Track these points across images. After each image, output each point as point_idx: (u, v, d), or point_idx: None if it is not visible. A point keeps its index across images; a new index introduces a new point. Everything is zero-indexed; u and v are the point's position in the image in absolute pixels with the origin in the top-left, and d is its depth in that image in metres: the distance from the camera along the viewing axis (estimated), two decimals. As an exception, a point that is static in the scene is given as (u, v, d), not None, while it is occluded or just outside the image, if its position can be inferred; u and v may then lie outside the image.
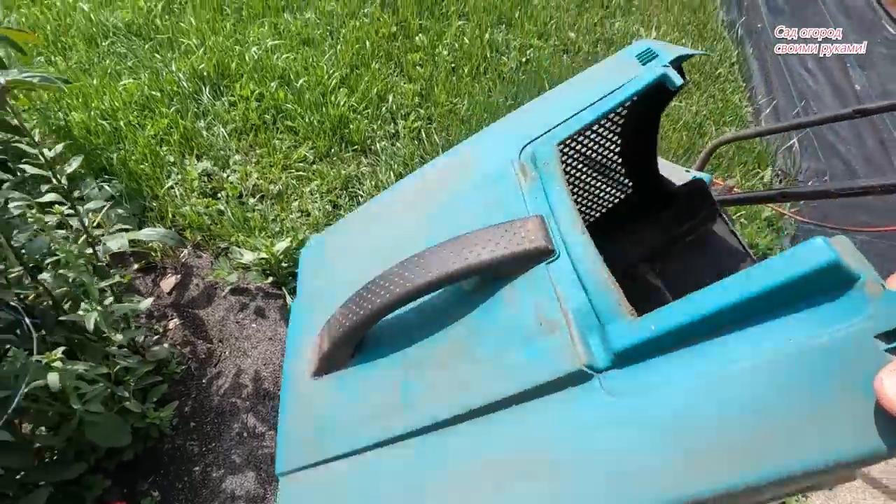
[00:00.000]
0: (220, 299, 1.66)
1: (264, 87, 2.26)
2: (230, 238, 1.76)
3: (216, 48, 2.42)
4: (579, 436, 0.53)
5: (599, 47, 2.77)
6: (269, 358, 1.52)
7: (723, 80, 2.59)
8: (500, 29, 2.81)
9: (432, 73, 2.47)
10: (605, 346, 0.55)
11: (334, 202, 1.94)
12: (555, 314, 0.59)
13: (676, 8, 3.12)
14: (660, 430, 0.48)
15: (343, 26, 2.71)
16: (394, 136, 2.21)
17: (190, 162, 2.02)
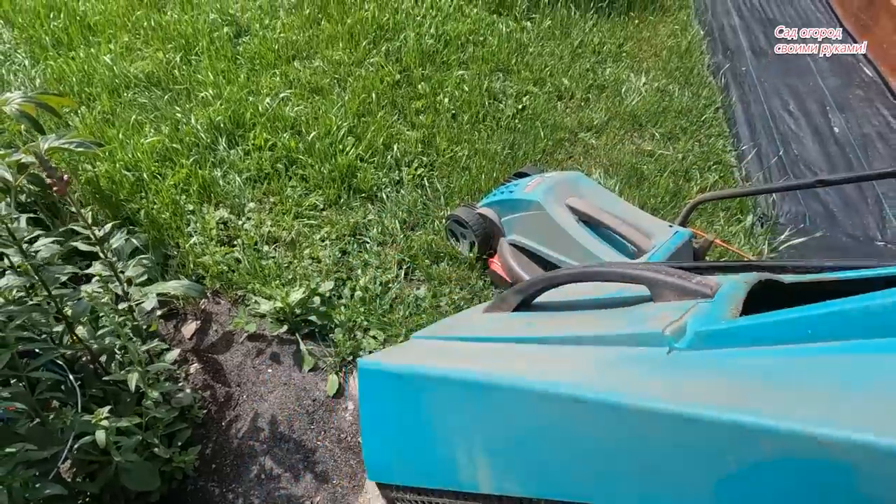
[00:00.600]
0: (238, 345, 1.78)
1: (277, 137, 2.41)
2: (247, 286, 1.89)
3: (231, 99, 2.58)
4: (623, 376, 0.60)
5: (592, 93, 2.94)
6: (284, 402, 1.63)
7: (707, 126, 2.75)
8: (498, 76, 2.98)
9: (434, 120, 2.63)
10: (694, 328, 0.61)
11: (343, 249, 2.07)
12: (678, 312, 0.67)
13: (665, 53, 3.30)
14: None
15: (350, 75, 2.88)
16: (398, 184, 2.35)
17: (208, 210, 2.15)
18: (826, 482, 0.43)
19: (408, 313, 1.86)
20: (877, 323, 0.49)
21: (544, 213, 1.71)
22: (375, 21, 3.20)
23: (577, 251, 1.65)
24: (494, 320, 0.96)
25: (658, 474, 0.55)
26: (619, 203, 1.79)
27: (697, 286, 0.73)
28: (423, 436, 0.83)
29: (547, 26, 3.39)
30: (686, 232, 1.64)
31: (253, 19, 3.23)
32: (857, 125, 2.94)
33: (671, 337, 0.62)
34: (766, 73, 3.35)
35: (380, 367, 0.87)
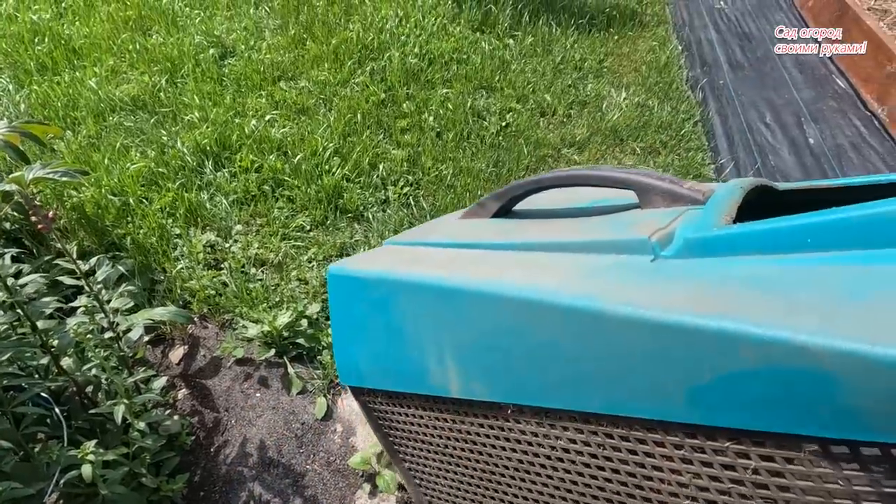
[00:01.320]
0: (226, 369, 1.79)
1: (263, 159, 2.43)
2: (234, 309, 1.89)
3: (217, 121, 2.60)
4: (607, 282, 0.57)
5: (574, 109, 3.00)
6: (273, 426, 1.64)
7: (687, 139, 2.81)
8: (481, 94, 3.03)
9: (419, 139, 2.66)
10: (683, 235, 0.58)
11: (330, 269, 2.08)
12: (667, 219, 0.63)
13: (644, 68, 3.38)
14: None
15: (335, 95, 2.91)
16: (384, 203, 2.38)
17: (195, 234, 2.16)
18: (807, 392, 0.42)
19: (395, 333, 1.87)
20: (879, 232, 0.47)
21: (527, 232, 1.75)
22: (360, 41, 3.25)
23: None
24: (471, 226, 0.92)
25: (630, 382, 0.53)
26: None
27: (689, 191, 0.70)
28: (393, 341, 0.82)
29: (529, 43, 3.46)
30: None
31: (238, 41, 3.26)
32: (832, 136, 3.02)
33: (657, 243, 0.59)
34: (742, 86, 3.44)
35: (349, 272, 0.85)
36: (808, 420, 0.43)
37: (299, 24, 3.43)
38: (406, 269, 0.79)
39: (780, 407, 0.44)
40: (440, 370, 0.75)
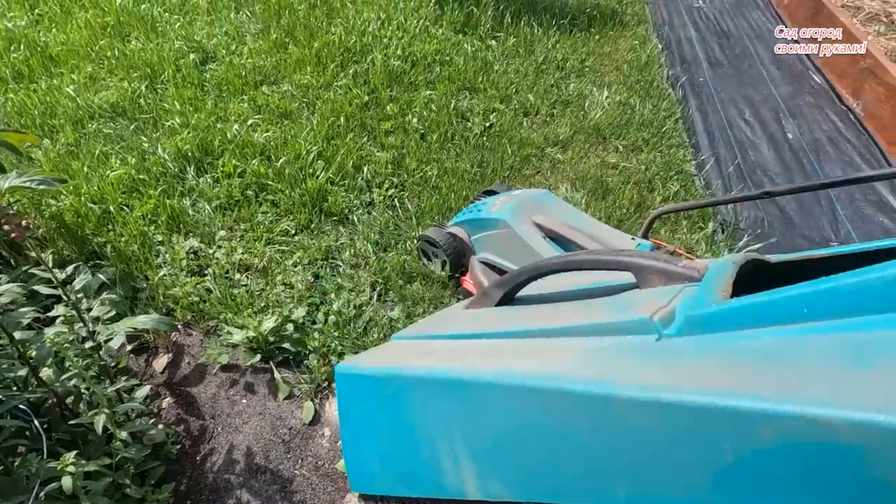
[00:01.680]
0: (212, 376, 1.77)
1: (246, 164, 2.41)
2: (219, 316, 1.88)
3: (199, 126, 2.57)
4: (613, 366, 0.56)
5: (556, 108, 3.02)
6: (260, 432, 1.62)
7: (668, 137, 2.85)
8: (465, 95, 3.04)
9: (403, 141, 2.66)
10: (684, 313, 0.57)
11: (316, 273, 2.08)
12: (666, 297, 0.64)
13: (625, 67, 3.42)
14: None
15: (318, 98, 2.90)
16: (369, 205, 2.37)
17: (177, 241, 2.14)
18: (831, 466, 0.41)
19: (382, 335, 1.87)
20: (874, 298, 0.47)
21: (511, 230, 1.75)
22: (342, 44, 3.24)
23: (544, 267, 1.69)
24: (476, 317, 0.93)
25: (651, 468, 0.52)
26: (584, 218, 1.85)
27: (684, 269, 0.71)
28: (405, 441, 0.80)
29: (511, 44, 3.48)
30: (647, 244, 1.70)
31: (219, 46, 3.24)
32: (809, 131, 3.08)
33: (659, 323, 0.59)
34: (722, 84, 3.49)
35: (357, 370, 0.84)
36: (834, 497, 0.41)
37: (281, 28, 3.42)
38: (414, 364, 0.78)
39: (806, 485, 0.42)
40: (454, 469, 0.72)
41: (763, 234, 2.37)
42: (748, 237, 2.26)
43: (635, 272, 0.76)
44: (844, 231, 2.44)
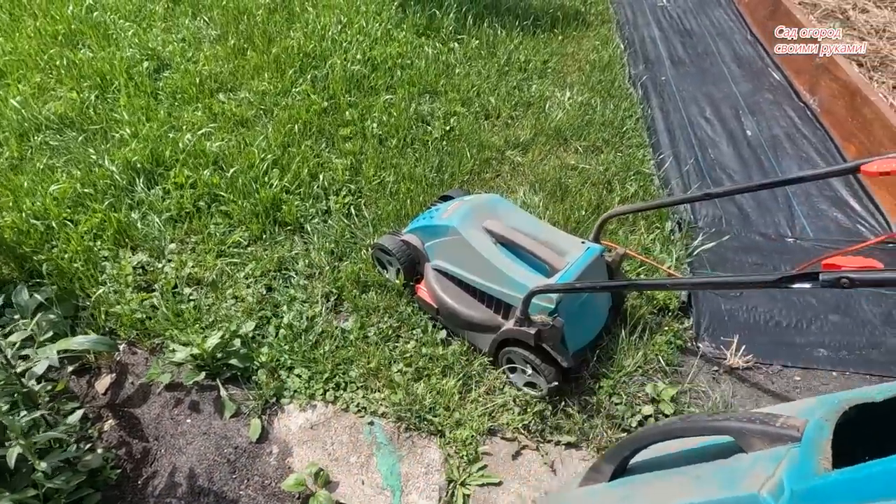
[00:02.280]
0: (156, 396, 1.71)
1: (198, 174, 2.36)
2: (164, 333, 1.82)
3: (150, 137, 2.51)
4: None
5: (518, 110, 3.01)
6: (204, 453, 1.57)
7: (628, 136, 2.85)
8: (426, 99, 3.01)
9: (362, 147, 2.63)
10: (790, 487, 0.61)
11: (269, 285, 2.03)
12: (771, 465, 0.68)
13: (588, 67, 3.42)
14: None
15: (276, 105, 2.85)
16: (326, 213, 2.33)
17: (124, 255, 2.08)
18: None
19: (334, 347, 1.83)
20: None
21: (461, 237, 1.73)
22: (301, 49, 3.19)
23: (494, 274, 1.67)
24: (593, 496, 1.01)
25: None
26: (536, 222, 1.83)
27: (783, 429, 0.73)
28: None
29: (474, 46, 3.46)
30: (597, 247, 1.70)
31: (175, 53, 3.17)
32: (768, 127, 3.11)
33: (769, 497, 0.62)
34: (683, 82, 3.52)
35: None
36: None
37: (239, 33, 3.36)
38: None
39: None
40: None
41: (720, 232, 2.38)
42: (703, 236, 2.27)
43: (737, 437, 0.80)
44: (800, 227, 2.47)
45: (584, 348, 1.76)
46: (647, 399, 1.72)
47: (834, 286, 0.84)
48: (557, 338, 1.54)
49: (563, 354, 1.57)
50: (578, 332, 1.71)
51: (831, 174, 1.17)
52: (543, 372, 1.59)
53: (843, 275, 0.83)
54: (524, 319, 1.55)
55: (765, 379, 1.84)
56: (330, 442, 1.62)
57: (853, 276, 0.82)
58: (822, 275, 0.85)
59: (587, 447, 1.61)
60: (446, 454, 1.59)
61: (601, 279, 1.74)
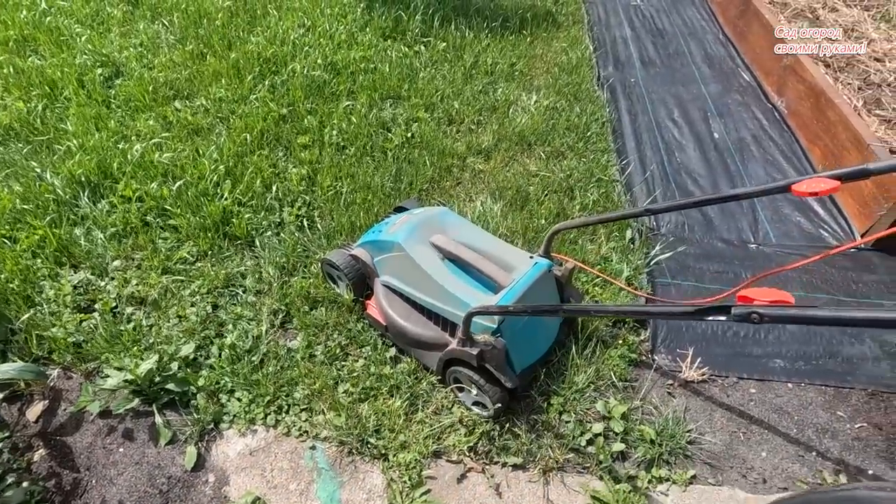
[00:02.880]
0: (89, 424, 1.65)
1: (146, 187, 2.28)
2: (101, 356, 1.76)
3: (97, 148, 2.43)
4: None
5: (483, 115, 2.96)
6: (135, 484, 1.51)
7: (594, 141, 2.81)
8: (388, 104, 2.95)
9: (319, 155, 2.56)
10: None
11: (215, 303, 1.97)
12: None
13: (556, 70, 3.37)
14: None
15: (233, 113, 2.78)
16: (279, 226, 2.27)
17: (65, 274, 2.00)
18: None
19: (279, 367, 1.78)
20: None
21: (405, 254, 1.68)
22: (261, 54, 3.12)
23: (438, 292, 1.62)
24: None
25: None
26: (485, 236, 1.79)
27: None
28: None
29: (441, 49, 3.40)
30: (545, 262, 1.65)
31: (131, 58, 3.08)
32: (735, 129, 3.09)
33: None
34: (653, 83, 3.48)
35: None
36: None
37: (199, 38, 3.27)
38: None
39: None
40: None
41: (681, 239, 2.35)
42: (661, 245, 2.23)
43: None
44: (763, 232, 2.44)
45: (534, 365, 1.72)
46: (597, 416, 1.69)
47: (745, 321, 0.81)
48: (500, 358, 1.50)
49: (507, 375, 1.53)
50: (526, 350, 1.67)
51: (765, 192, 1.14)
52: (488, 392, 1.55)
53: (753, 310, 0.79)
54: (466, 340, 1.51)
55: (720, 392, 1.81)
56: (269, 468, 1.57)
57: (763, 312, 0.79)
58: (735, 308, 0.82)
59: (534, 468, 1.57)
60: (389, 479, 1.54)
61: (549, 295, 1.69)
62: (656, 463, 1.58)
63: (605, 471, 1.56)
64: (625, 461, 1.60)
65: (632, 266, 2.11)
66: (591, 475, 1.57)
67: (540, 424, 1.65)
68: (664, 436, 1.63)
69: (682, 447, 1.62)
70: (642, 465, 1.59)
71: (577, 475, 1.57)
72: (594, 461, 1.58)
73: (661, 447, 1.61)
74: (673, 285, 2.18)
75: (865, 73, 2.97)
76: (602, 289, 2.03)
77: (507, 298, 1.52)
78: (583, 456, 1.60)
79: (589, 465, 1.58)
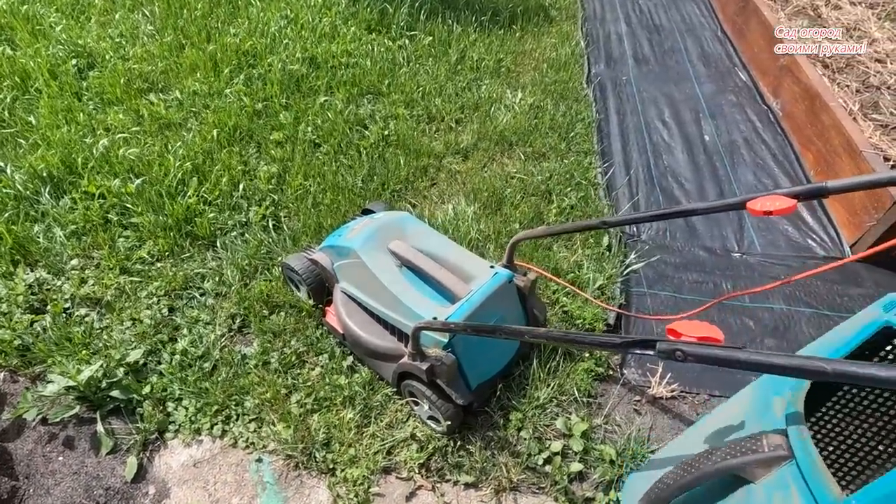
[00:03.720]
0: (31, 430, 1.60)
1: (109, 183, 2.22)
2: (48, 360, 1.71)
3: (62, 142, 2.37)
4: None
5: (465, 113, 2.87)
6: (71, 495, 1.47)
7: (577, 142, 2.72)
8: (367, 100, 2.87)
9: (291, 153, 2.49)
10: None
11: (171, 305, 1.91)
12: (789, 496, 0.79)
13: (545, 67, 3.27)
14: None
15: (207, 107, 2.71)
16: (245, 226, 2.21)
17: (20, 272, 1.95)
18: None
19: (231, 375, 1.72)
20: None
21: (361, 261, 1.61)
22: (239, 47, 3.04)
23: (391, 301, 1.56)
24: None
25: None
26: (445, 244, 1.71)
27: (774, 452, 0.83)
28: None
29: (427, 44, 3.31)
30: (505, 273, 1.58)
31: (107, 49, 3.01)
32: (727, 132, 2.98)
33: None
34: (645, 82, 3.37)
35: None
36: None
37: (178, 29, 3.20)
38: None
39: None
40: None
41: (662, 247, 2.27)
42: (636, 254, 2.15)
43: (740, 472, 0.89)
44: (748, 240, 2.35)
45: (493, 379, 1.65)
46: (557, 434, 1.62)
47: (669, 358, 0.74)
48: (451, 374, 1.43)
49: (458, 391, 1.46)
50: (482, 364, 1.60)
51: (720, 209, 1.06)
52: (440, 409, 1.48)
53: (678, 347, 0.72)
54: (416, 354, 1.44)
55: (689, 409, 1.74)
56: (213, 481, 1.52)
57: (687, 350, 0.72)
58: (660, 344, 0.75)
59: (486, 486, 1.51)
60: (335, 495, 1.48)
61: (510, 306, 1.62)
62: (615, 485, 1.51)
63: (561, 492, 1.50)
64: (582, 482, 1.54)
65: (605, 275, 2.03)
66: (547, 496, 1.50)
67: (496, 441, 1.58)
68: (625, 456, 1.56)
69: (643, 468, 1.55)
70: (600, 487, 1.52)
71: (531, 496, 1.50)
72: (550, 481, 1.51)
73: (621, 468, 1.54)
74: (649, 295, 2.10)
75: (865, 75, 2.85)
76: (572, 298, 1.95)
77: (462, 311, 1.45)
78: (539, 475, 1.53)
79: (544, 486, 1.51)
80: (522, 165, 2.55)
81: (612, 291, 2.01)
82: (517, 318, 1.67)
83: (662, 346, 0.74)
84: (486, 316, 1.49)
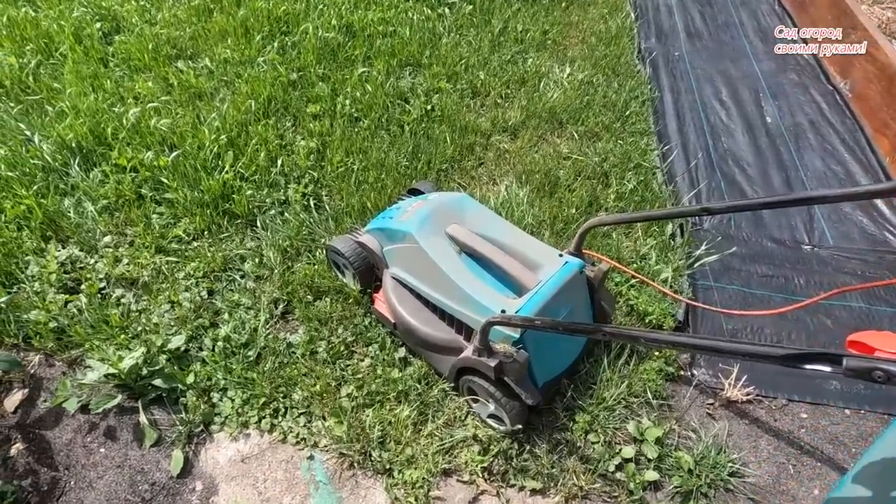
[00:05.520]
0: (70, 418, 1.52)
1: (141, 156, 2.10)
2: (85, 344, 1.61)
3: (90, 111, 2.24)
4: None
5: (510, 88, 2.69)
6: (115, 490, 1.38)
7: (632, 122, 2.54)
8: (407, 72, 2.70)
9: (331, 126, 2.34)
10: None
11: (211, 288, 1.80)
12: None
13: (593, 39, 3.06)
14: None
15: (239, 76, 2.55)
16: (283, 204, 2.08)
17: (51, 249, 1.85)
18: None
19: (277, 364, 1.62)
20: None
21: (418, 246, 1.48)
22: (272, 12, 2.86)
23: (453, 291, 1.43)
24: None
25: None
26: (507, 228, 1.58)
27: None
28: None
29: (467, 12, 3.11)
30: (576, 262, 1.44)
31: (132, 12, 2.85)
32: (790, 113, 2.78)
33: None
34: (699, 59, 3.15)
35: None
36: None
37: (205, -9, 3.02)
38: None
39: None
40: None
41: (727, 237, 2.11)
42: (706, 245, 1.99)
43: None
44: (819, 232, 2.19)
45: (559, 377, 1.53)
46: (628, 438, 1.50)
47: (862, 377, 0.60)
48: (521, 372, 1.31)
49: (528, 390, 1.34)
50: (550, 360, 1.48)
51: (864, 195, 0.90)
52: (505, 408, 1.37)
53: (877, 366, 0.59)
54: (483, 349, 1.32)
55: (766, 415, 1.61)
56: (262, 478, 1.43)
57: (890, 370, 0.58)
58: (848, 360, 0.62)
59: (555, 494, 1.40)
60: (393, 497, 1.39)
61: (580, 300, 1.49)
62: (693, 496, 1.40)
63: (636, 502, 1.39)
64: (657, 491, 1.43)
65: (671, 267, 1.88)
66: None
67: (563, 444, 1.47)
68: (703, 465, 1.44)
69: (723, 479, 1.43)
70: (677, 498, 1.41)
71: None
72: (623, 490, 1.41)
73: (699, 478, 1.42)
74: (716, 289, 1.95)
75: (947, 54, 2.61)
76: (637, 291, 1.81)
77: (533, 304, 1.32)
78: (610, 483, 1.42)
79: (617, 495, 1.40)
80: (576, 146, 2.38)
81: (679, 285, 1.87)
82: (586, 311, 1.54)
83: (852, 362, 0.61)
84: (556, 309, 1.37)
